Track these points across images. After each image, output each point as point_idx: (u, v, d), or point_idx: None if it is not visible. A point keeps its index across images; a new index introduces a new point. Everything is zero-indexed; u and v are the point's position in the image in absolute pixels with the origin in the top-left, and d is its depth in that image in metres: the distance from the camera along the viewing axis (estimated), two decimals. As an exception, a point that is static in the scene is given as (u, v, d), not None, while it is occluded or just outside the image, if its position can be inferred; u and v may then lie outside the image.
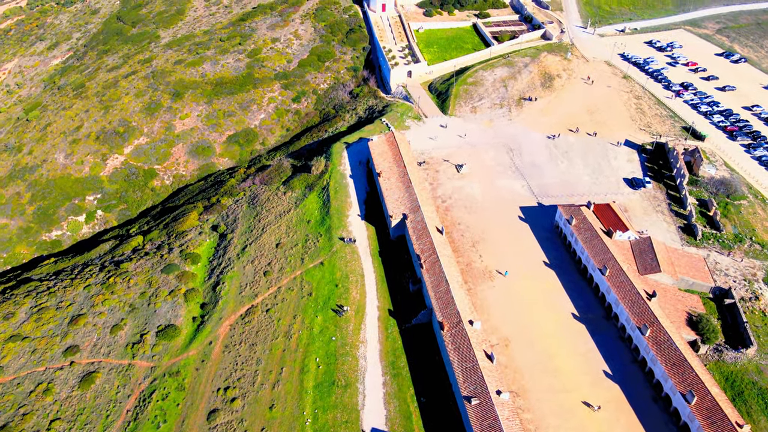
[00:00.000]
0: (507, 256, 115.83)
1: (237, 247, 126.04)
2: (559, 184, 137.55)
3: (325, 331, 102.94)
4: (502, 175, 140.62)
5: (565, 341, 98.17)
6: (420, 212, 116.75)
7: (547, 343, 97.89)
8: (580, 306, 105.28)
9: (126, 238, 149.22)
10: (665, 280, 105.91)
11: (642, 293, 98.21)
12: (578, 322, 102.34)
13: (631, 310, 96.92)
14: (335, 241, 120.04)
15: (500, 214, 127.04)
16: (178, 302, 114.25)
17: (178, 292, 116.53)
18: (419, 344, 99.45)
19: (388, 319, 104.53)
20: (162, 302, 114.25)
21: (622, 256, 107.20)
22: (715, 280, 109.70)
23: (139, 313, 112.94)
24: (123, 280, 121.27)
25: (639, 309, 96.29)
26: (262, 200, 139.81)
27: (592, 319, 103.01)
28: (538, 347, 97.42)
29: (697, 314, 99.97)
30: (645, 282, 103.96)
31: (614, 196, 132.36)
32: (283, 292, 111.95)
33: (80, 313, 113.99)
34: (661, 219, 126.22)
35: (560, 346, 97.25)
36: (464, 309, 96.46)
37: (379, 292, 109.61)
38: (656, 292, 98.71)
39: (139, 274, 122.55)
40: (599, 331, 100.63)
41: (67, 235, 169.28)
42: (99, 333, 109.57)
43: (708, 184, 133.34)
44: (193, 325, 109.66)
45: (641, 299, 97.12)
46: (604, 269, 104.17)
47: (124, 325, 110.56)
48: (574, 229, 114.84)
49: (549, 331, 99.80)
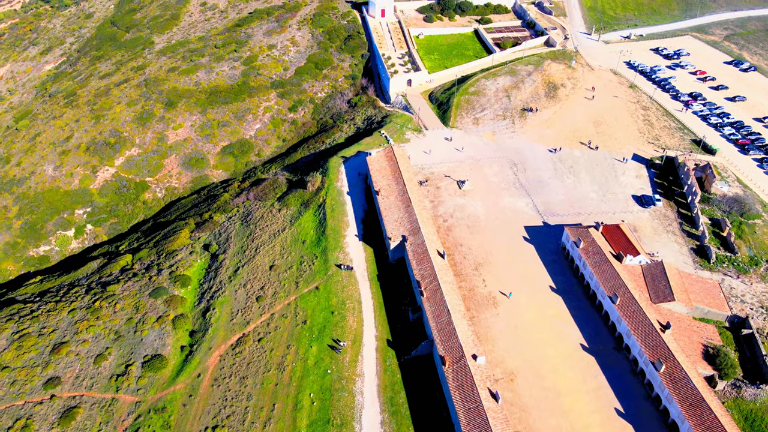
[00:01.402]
0: (511, 280, 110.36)
1: (229, 269, 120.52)
2: (565, 201, 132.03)
3: (320, 363, 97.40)
4: (506, 191, 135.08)
5: (574, 375, 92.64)
6: (420, 234, 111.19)
7: (555, 377, 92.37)
8: (589, 335, 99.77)
9: (115, 256, 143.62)
10: (679, 309, 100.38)
11: (655, 324, 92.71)
12: (587, 353, 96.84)
13: (644, 343, 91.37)
14: (331, 263, 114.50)
15: (504, 235, 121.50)
16: (166, 330, 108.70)
17: (166, 319, 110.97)
18: (419, 378, 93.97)
19: (387, 350, 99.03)
20: (149, 329, 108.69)
21: (633, 283, 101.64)
22: (731, 308, 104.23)
23: (124, 342, 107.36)
24: (109, 304, 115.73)
25: (653, 342, 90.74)
26: (255, 218, 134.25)
27: (602, 350, 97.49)
28: (546, 382, 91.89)
29: (714, 347, 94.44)
30: (658, 311, 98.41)
31: (623, 214, 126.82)
32: (277, 320, 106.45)
33: (63, 341, 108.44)
34: (673, 240, 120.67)
35: (569, 381, 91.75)
36: (467, 342, 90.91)
37: (377, 320, 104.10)
38: (670, 323, 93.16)
39: (126, 297, 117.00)
40: (610, 364, 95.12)
41: (56, 250, 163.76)
42: (82, 363, 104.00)
43: (721, 202, 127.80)
44: (181, 355, 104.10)
45: (655, 331, 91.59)
46: (615, 297, 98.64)
47: (109, 355, 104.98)
48: (583, 252, 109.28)
49: (557, 364, 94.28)
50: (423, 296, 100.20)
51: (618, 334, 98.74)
